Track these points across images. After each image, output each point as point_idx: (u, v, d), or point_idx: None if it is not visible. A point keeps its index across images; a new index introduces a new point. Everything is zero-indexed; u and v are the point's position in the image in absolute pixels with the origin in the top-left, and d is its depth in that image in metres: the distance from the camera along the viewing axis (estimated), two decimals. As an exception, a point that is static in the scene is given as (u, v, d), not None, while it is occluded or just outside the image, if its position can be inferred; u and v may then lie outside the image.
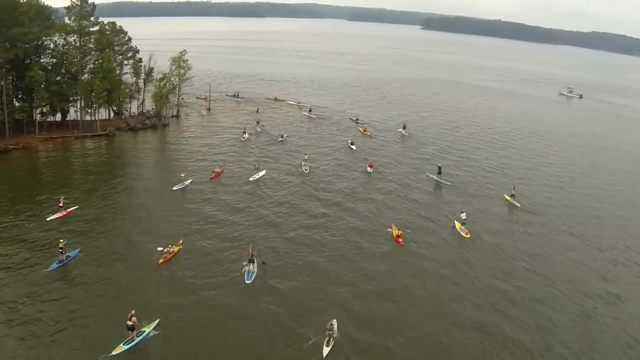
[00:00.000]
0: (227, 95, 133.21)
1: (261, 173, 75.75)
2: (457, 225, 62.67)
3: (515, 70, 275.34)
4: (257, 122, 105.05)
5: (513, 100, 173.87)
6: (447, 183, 78.56)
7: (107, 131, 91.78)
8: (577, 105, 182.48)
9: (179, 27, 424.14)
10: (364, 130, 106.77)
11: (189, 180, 70.34)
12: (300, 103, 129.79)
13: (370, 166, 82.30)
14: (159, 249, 50.36)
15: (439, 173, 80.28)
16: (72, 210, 59.02)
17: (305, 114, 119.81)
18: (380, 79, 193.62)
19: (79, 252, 49.85)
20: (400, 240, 57.76)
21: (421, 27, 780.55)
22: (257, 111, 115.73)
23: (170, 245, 50.91)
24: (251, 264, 48.52)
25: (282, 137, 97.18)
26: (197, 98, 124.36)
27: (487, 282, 51.21)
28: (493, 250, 58.49)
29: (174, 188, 68.30)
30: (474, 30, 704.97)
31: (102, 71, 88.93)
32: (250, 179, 73.78)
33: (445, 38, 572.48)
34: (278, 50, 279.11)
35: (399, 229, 59.19)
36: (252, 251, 49.78)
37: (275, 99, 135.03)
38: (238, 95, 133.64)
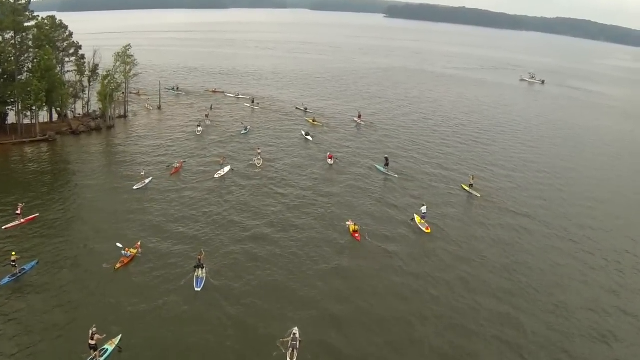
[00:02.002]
0: (166, 88, 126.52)
1: (226, 169, 73.90)
2: (417, 219, 60.67)
3: (479, 57, 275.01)
4: (206, 116, 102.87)
5: (474, 88, 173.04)
6: (394, 175, 76.50)
7: (47, 136, 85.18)
8: (543, 92, 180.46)
9: (138, 20, 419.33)
10: (313, 120, 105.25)
11: (149, 179, 68.32)
12: (239, 95, 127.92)
13: (330, 157, 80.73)
14: (120, 247, 48.84)
15: (386, 165, 78.18)
16: (32, 218, 55.60)
17: (247, 105, 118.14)
18: (341, 69, 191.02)
19: (36, 264, 46.67)
20: (357, 235, 56.07)
21: (385, 15, 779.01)
22: (211, 108, 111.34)
23: (127, 249, 48.81)
24: (199, 269, 46.01)
25: (245, 129, 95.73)
26: (130, 93, 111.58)
27: (450, 278, 49.45)
28: (455, 244, 56.66)
29: (135, 187, 66.12)
30: (438, 17, 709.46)
31: (40, 70, 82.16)
32: (216, 175, 71.97)
33: (409, 26, 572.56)
34: (239, 41, 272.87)
35: (355, 224, 57.31)
36: (200, 256, 47.18)
37: (215, 91, 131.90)
38: (177, 88, 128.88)
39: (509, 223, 63.13)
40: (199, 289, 44.34)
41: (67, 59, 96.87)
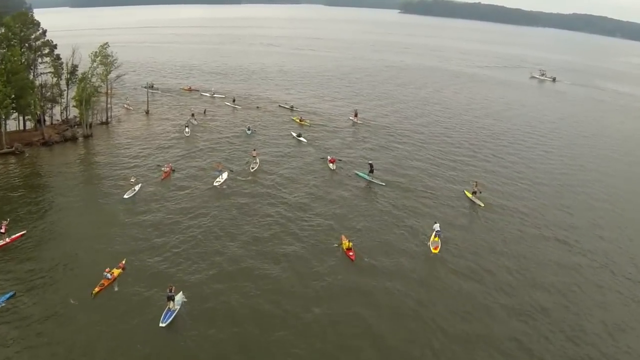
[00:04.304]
0: (143, 87, 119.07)
1: (224, 175, 68.41)
2: (433, 237, 53.60)
3: (494, 54, 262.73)
4: (192, 115, 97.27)
5: (484, 85, 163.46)
6: (381, 183, 69.41)
7: (13, 148, 75.84)
8: (561, 92, 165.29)
9: (148, 16, 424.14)
10: (300, 120, 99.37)
11: (139, 185, 63.97)
12: (214, 93, 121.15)
13: (332, 162, 75.09)
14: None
15: (371, 171, 70.94)
16: (18, 237, 50.68)
17: (228, 104, 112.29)
18: (352, 67, 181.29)
19: (13, 295, 41.42)
20: (351, 254, 49.96)
21: (399, 11, 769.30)
22: (204, 112, 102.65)
23: (107, 270, 44.26)
24: (170, 301, 40.31)
25: (248, 129, 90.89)
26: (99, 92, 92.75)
27: (461, 311, 42.66)
28: (463, 267, 49.57)
29: (126, 196, 61.61)
30: (453, 13, 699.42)
31: (6, 73, 73.14)
32: (215, 183, 66.49)
33: (424, 22, 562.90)
34: (247, 38, 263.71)
35: (349, 241, 51.28)
36: (171, 286, 41.18)
37: (190, 89, 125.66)
38: (153, 87, 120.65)
39: (518, 237, 56.70)
40: (164, 325, 38.97)
41: (40, 60, 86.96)
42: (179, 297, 41.37)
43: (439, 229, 53.90)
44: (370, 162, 72.84)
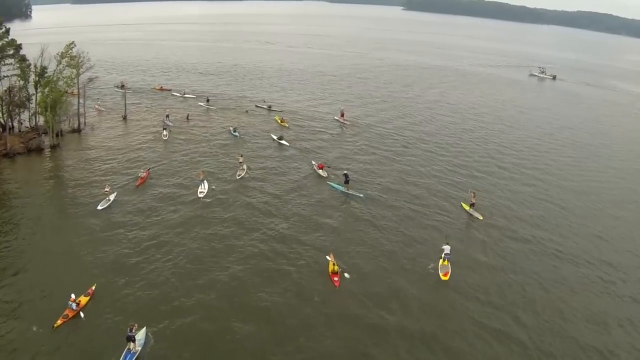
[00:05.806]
0: (114, 86, 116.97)
1: (206, 184, 63.44)
2: (442, 261, 47.37)
3: (498, 52, 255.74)
4: (167, 116, 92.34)
5: (486, 85, 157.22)
6: (359, 195, 63.29)
7: (-32, 161, 68.41)
8: (569, 93, 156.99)
9: (148, 12, 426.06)
10: (281, 121, 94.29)
11: (113, 195, 58.80)
12: (185, 94, 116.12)
13: (321, 167, 70.05)
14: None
15: (346, 182, 64.70)
16: None
17: (202, 104, 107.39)
18: (352, 66, 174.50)
19: None
20: (336, 279, 44.14)
21: (403, 7, 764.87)
22: (187, 118, 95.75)
23: (72, 299, 38.98)
24: (131, 342, 34.37)
25: (234, 130, 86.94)
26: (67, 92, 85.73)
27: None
28: (476, 299, 43.03)
29: (99, 207, 56.59)
30: (456, 10, 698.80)
31: (-39, 77, 66.17)
32: (199, 194, 61.38)
33: (427, 18, 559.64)
34: (246, 35, 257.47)
35: (334, 263, 45.08)
36: (132, 325, 35.21)
37: (161, 89, 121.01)
38: (123, 86, 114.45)
39: (525, 256, 50.91)
40: None
41: (3, 62, 79.03)
42: (141, 335, 35.89)
43: (448, 252, 47.51)
44: (345, 171, 66.73)
